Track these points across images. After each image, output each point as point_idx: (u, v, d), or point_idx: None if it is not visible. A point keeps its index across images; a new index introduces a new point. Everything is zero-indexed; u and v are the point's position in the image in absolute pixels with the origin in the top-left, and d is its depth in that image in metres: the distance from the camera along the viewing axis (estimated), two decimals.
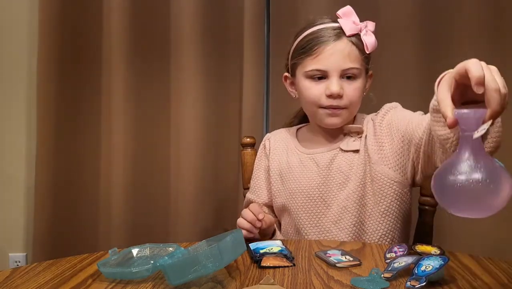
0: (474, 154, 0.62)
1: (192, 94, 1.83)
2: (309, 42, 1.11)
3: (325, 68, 1.09)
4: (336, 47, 1.09)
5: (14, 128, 1.99)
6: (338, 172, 1.13)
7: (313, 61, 1.10)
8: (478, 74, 0.66)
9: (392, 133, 1.10)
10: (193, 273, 0.73)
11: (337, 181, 1.13)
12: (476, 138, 0.62)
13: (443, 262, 0.76)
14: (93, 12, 1.88)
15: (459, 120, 0.64)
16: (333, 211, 1.12)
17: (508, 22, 1.66)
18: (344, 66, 1.09)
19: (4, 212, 2.01)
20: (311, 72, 1.11)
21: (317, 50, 1.09)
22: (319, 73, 1.11)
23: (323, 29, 1.12)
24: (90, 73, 1.90)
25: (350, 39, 1.10)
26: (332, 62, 1.09)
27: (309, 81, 1.12)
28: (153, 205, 1.89)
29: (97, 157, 1.91)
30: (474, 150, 0.62)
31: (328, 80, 1.10)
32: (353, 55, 1.10)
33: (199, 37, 1.82)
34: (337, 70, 1.09)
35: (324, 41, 1.10)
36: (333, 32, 1.10)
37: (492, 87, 0.65)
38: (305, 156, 1.19)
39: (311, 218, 1.14)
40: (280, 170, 1.21)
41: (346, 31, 1.10)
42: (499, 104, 0.65)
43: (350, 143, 1.15)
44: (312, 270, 0.84)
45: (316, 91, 1.11)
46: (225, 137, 1.86)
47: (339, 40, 1.10)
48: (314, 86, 1.12)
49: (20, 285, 0.79)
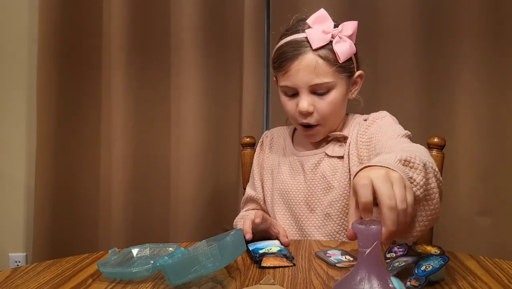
0: (368, 272, 0.57)
1: (192, 94, 1.83)
2: (278, 58, 1.09)
3: (293, 85, 1.07)
4: (301, 63, 1.04)
5: (14, 129, 1.99)
6: (322, 177, 1.13)
7: (283, 77, 1.08)
8: (364, 200, 0.60)
9: (370, 149, 1.06)
10: (193, 273, 0.73)
11: (320, 186, 1.12)
12: (370, 255, 0.57)
13: (443, 262, 0.76)
14: (93, 12, 1.88)
15: (356, 234, 0.59)
16: (317, 217, 1.12)
17: (508, 23, 1.66)
18: (311, 82, 1.05)
19: (4, 212, 2.01)
20: (283, 89, 1.10)
21: (285, 66, 1.06)
22: (290, 90, 1.08)
23: (290, 42, 1.07)
24: (90, 73, 1.90)
25: (317, 53, 1.04)
26: (299, 79, 1.05)
27: (284, 96, 1.11)
28: (153, 205, 1.89)
29: (97, 157, 1.91)
30: (369, 266, 0.58)
31: (299, 96, 1.07)
32: (320, 70, 1.04)
33: (199, 37, 1.82)
34: (305, 86, 1.05)
35: (290, 57, 1.05)
36: (300, 45, 1.05)
37: (386, 204, 0.60)
38: (295, 158, 1.19)
39: (295, 221, 1.15)
40: (271, 168, 1.22)
41: (312, 44, 1.04)
42: (394, 224, 0.60)
43: (336, 149, 1.13)
44: (312, 270, 0.84)
45: (290, 108, 1.10)
46: (225, 137, 1.86)
47: (305, 54, 1.04)
48: (288, 103, 1.11)
49: (20, 285, 0.79)
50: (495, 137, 1.68)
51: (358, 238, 0.58)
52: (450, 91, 1.70)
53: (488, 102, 1.68)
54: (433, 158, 1.26)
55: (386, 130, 1.05)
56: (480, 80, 1.67)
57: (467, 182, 1.69)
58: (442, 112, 1.71)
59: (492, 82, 1.67)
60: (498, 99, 1.67)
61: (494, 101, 1.68)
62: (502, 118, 1.68)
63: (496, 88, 1.67)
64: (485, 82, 1.67)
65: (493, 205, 1.69)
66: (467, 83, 1.68)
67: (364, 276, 0.57)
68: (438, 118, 1.70)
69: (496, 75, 1.66)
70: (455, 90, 1.70)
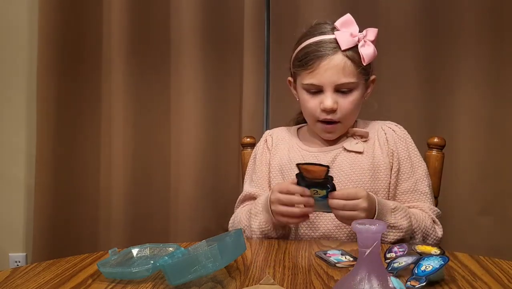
0: (368, 272, 0.58)
1: (192, 94, 1.83)
2: (305, 56, 1.12)
3: (319, 84, 1.11)
4: (331, 62, 1.10)
5: (14, 129, 1.99)
6: (340, 171, 1.14)
7: (309, 75, 1.12)
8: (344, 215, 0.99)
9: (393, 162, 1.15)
10: (193, 273, 0.73)
11: (338, 180, 1.11)
12: (370, 255, 0.58)
13: (443, 262, 0.76)
14: (93, 12, 1.88)
15: (356, 234, 0.60)
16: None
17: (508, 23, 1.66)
18: (338, 81, 1.10)
19: (4, 212, 2.01)
20: (307, 86, 1.13)
21: (313, 65, 1.11)
22: (314, 88, 1.12)
23: (320, 42, 1.12)
24: (90, 73, 1.90)
25: (346, 54, 1.10)
26: (327, 77, 1.10)
27: (306, 94, 1.15)
28: (153, 205, 1.89)
29: (97, 157, 1.91)
30: (369, 266, 0.58)
31: (323, 94, 1.12)
32: (347, 70, 1.10)
33: (199, 38, 1.82)
34: (331, 85, 1.10)
35: (319, 56, 1.10)
36: (330, 46, 1.11)
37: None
38: (308, 154, 1.19)
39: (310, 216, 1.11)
40: (281, 166, 1.20)
41: (341, 46, 1.10)
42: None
43: (354, 144, 1.16)
44: (312, 270, 0.84)
45: (312, 105, 1.14)
46: (225, 137, 1.86)
47: (335, 55, 1.10)
48: (310, 100, 1.14)
49: (20, 285, 0.79)
50: (495, 137, 1.68)
51: (358, 238, 0.59)
52: (450, 91, 1.70)
53: (488, 102, 1.68)
54: (433, 158, 1.28)
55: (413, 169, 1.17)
56: (480, 81, 1.67)
57: (467, 182, 1.69)
58: (442, 112, 1.71)
59: (492, 82, 1.67)
60: (498, 99, 1.68)
61: (494, 101, 1.68)
62: (502, 118, 1.68)
63: (496, 89, 1.67)
64: (485, 82, 1.67)
65: (493, 205, 1.69)
66: (467, 83, 1.69)
67: (364, 276, 0.57)
68: (438, 118, 1.70)
69: (496, 75, 1.67)
70: (455, 90, 1.70)
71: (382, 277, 0.58)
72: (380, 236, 0.58)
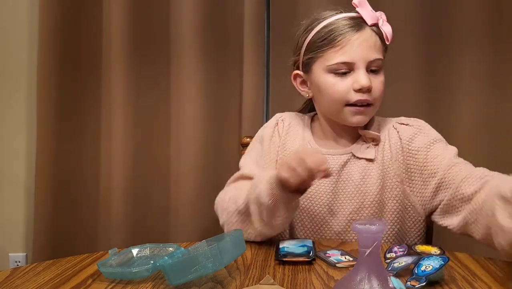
0: (368, 272, 0.57)
1: (192, 94, 1.82)
2: (329, 33, 1.01)
3: (352, 60, 1.00)
4: (362, 37, 1.01)
5: (14, 129, 1.99)
6: (349, 180, 1.05)
7: (337, 54, 1.01)
8: None
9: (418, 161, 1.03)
10: (193, 273, 0.73)
11: (346, 190, 1.05)
12: (370, 255, 0.58)
13: (443, 262, 0.76)
14: (93, 12, 1.88)
15: (357, 234, 0.59)
16: (338, 222, 1.05)
17: (508, 23, 1.66)
18: (371, 57, 1.01)
19: (4, 212, 2.01)
20: (336, 66, 1.02)
21: (342, 41, 1.00)
22: (345, 67, 1.01)
23: (343, 18, 1.03)
24: (89, 73, 1.90)
25: (372, 29, 1.03)
26: (359, 53, 1.00)
27: (333, 76, 1.02)
28: (153, 204, 1.89)
29: (97, 157, 1.91)
30: (369, 266, 0.57)
31: (355, 73, 1.01)
32: (377, 45, 1.03)
33: (199, 37, 1.81)
34: (364, 62, 1.01)
35: (347, 31, 1.00)
36: (355, 22, 1.02)
37: None
38: None
39: (313, 224, 1.07)
40: None
41: (367, 21, 1.02)
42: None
43: (364, 150, 1.07)
44: (312, 270, 0.84)
45: (343, 87, 1.02)
46: (225, 137, 1.86)
47: (363, 30, 1.02)
48: (339, 82, 1.02)
49: (20, 285, 0.79)
50: (495, 137, 1.68)
51: (358, 238, 0.59)
52: (450, 91, 1.70)
53: (488, 102, 1.67)
54: None
55: (442, 151, 1.04)
56: (480, 81, 1.67)
57: None
58: (442, 112, 1.71)
59: (492, 82, 1.67)
60: (498, 99, 1.67)
61: (494, 101, 1.68)
62: (502, 119, 1.68)
63: (496, 89, 1.67)
64: (485, 82, 1.67)
65: None
66: (467, 83, 1.68)
67: (364, 276, 0.57)
68: (438, 118, 1.69)
69: (496, 75, 1.66)
70: (455, 90, 1.70)
71: (382, 277, 0.58)
72: (380, 236, 0.58)
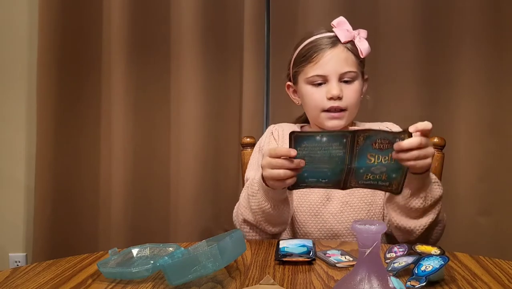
0: (368, 272, 0.57)
1: (192, 94, 1.83)
2: (308, 51, 1.19)
3: (324, 73, 1.16)
4: (333, 53, 1.17)
5: (14, 128, 1.99)
6: None
7: (313, 68, 1.17)
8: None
9: None
10: (193, 273, 0.73)
11: (336, 192, 1.15)
12: (370, 255, 0.58)
13: (443, 262, 0.76)
14: (93, 12, 1.88)
15: (356, 234, 0.59)
16: (334, 204, 1.15)
17: (508, 23, 1.66)
18: (342, 70, 1.16)
19: (4, 212, 2.01)
20: (312, 78, 1.18)
21: (316, 57, 1.17)
22: (320, 79, 1.17)
23: (320, 38, 1.20)
24: (90, 73, 1.90)
25: (346, 46, 1.18)
26: (330, 67, 1.16)
27: (311, 87, 1.19)
28: (153, 205, 1.89)
29: (97, 157, 1.91)
30: (369, 266, 0.58)
31: (328, 84, 1.17)
32: (349, 60, 1.17)
33: (199, 38, 1.82)
34: (335, 74, 1.16)
35: (322, 48, 1.17)
36: (330, 40, 1.18)
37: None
38: None
39: (310, 207, 1.16)
40: None
41: (341, 39, 1.18)
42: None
43: None
44: (312, 270, 0.84)
45: (318, 96, 1.17)
46: (225, 137, 1.86)
47: (336, 47, 1.17)
48: (315, 91, 1.18)
49: (20, 285, 0.79)
50: (495, 137, 1.68)
51: (358, 238, 0.59)
52: (450, 91, 1.70)
53: (488, 102, 1.68)
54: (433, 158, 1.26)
55: None
56: (480, 80, 1.67)
57: (467, 182, 1.69)
58: (442, 112, 1.71)
59: (492, 82, 1.67)
60: (498, 99, 1.68)
61: (494, 101, 1.68)
62: (502, 118, 1.68)
63: (496, 89, 1.67)
64: (485, 82, 1.67)
65: (493, 205, 1.69)
66: (467, 83, 1.69)
67: (364, 276, 0.57)
68: (438, 118, 1.70)
69: (496, 75, 1.67)
70: (455, 90, 1.70)
71: (382, 277, 0.58)
72: (380, 236, 0.58)
